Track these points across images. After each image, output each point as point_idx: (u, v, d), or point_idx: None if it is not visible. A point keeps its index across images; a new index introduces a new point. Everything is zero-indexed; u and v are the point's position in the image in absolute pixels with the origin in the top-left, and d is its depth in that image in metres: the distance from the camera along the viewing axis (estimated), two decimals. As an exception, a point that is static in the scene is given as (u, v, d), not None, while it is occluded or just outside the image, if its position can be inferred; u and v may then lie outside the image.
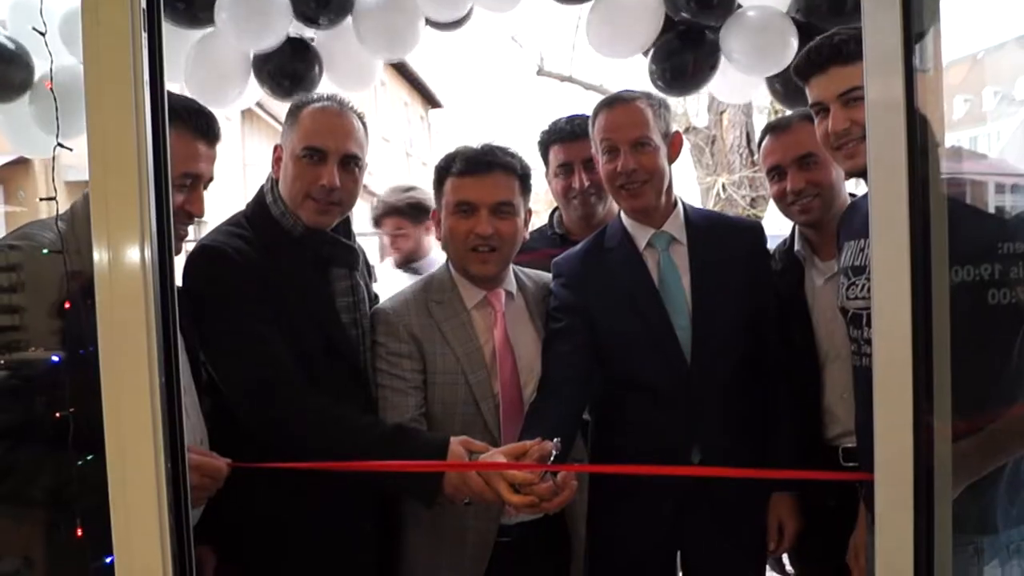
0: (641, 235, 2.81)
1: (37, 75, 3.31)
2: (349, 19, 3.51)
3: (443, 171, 2.70)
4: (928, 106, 1.59)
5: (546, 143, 3.45)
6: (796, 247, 2.95)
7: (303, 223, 2.57)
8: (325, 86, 3.71)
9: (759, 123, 10.91)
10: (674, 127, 2.87)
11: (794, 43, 3.31)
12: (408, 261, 4.57)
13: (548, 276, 2.91)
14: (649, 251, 2.80)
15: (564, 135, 3.38)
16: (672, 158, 2.82)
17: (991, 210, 2.05)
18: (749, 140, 10.51)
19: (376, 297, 2.86)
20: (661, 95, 2.93)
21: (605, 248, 2.86)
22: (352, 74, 3.80)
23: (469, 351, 2.62)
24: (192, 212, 2.35)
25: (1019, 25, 2.14)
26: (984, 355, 1.88)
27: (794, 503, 2.76)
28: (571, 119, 3.39)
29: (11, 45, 3.25)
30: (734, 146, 10.79)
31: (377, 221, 4.74)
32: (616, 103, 2.79)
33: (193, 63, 3.53)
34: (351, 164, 2.61)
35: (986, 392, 1.91)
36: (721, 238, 2.83)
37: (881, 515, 1.60)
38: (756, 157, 10.76)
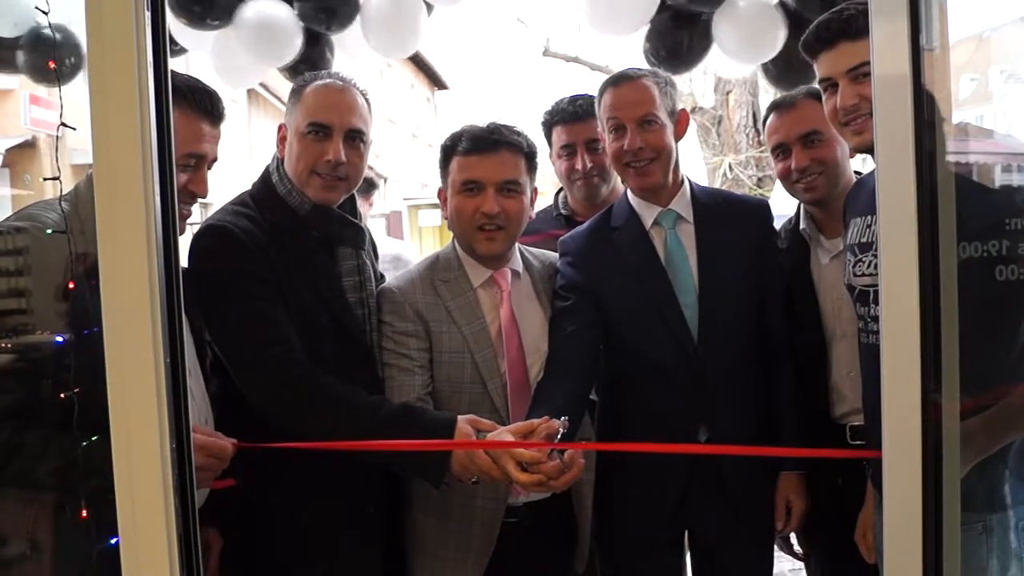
0: (648, 213, 2.80)
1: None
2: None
3: (449, 150, 2.69)
4: (935, 83, 1.58)
5: (549, 124, 3.45)
6: (801, 225, 2.94)
7: (310, 201, 2.56)
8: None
9: (765, 103, 10.85)
10: (680, 105, 2.85)
11: (783, 34, 3.31)
12: None
13: (554, 256, 2.90)
14: (656, 229, 2.79)
15: (566, 116, 3.38)
16: (679, 136, 2.81)
17: (998, 186, 2.03)
18: (755, 120, 10.49)
19: (382, 276, 2.86)
20: (667, 73, 2.92)
21: (611, 227, 2.85)
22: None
23: (475, 330, 2.61)
24: (195, 192, 2.34)
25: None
26: (992, 332, 1.87)
27: (802, 482, 2.76)
28: (574, 99, 3.38)
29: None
30: (740, 126, 10.78)
31: None
32: (622, 81, 2.77)
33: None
34: (356, 139, 2.60)
35: (994, 369, 1.90)
36: (728, 216, 2.82)
37: (889, 493, 1.60)
38: (762, 137, 10.77)
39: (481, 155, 2.62)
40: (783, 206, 3.45)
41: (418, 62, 27.96)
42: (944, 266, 1.54)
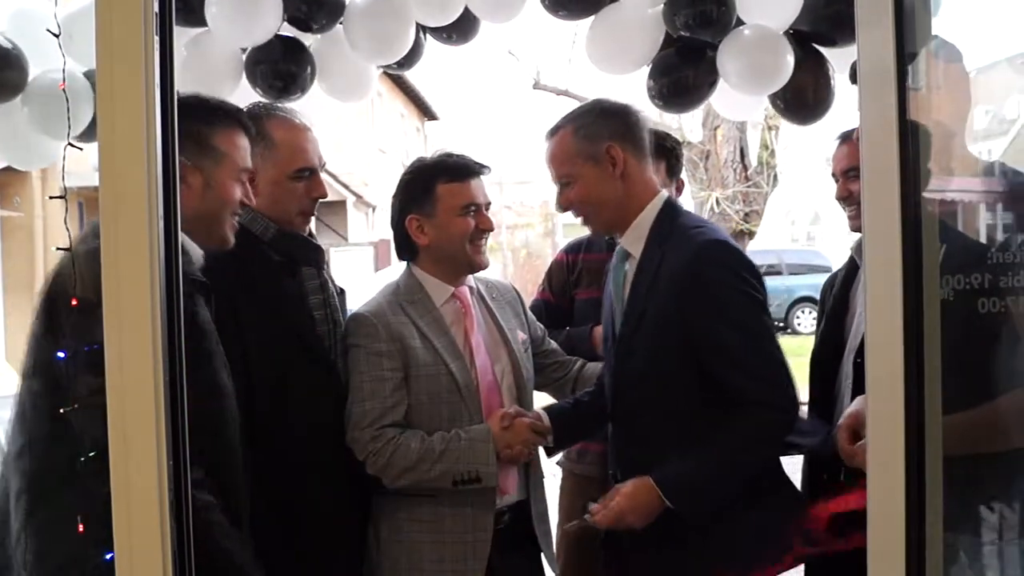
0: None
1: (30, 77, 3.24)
2: (340, 26, 3.51)
3: (431, 178, 2.73)
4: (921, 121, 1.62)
5: None
6: (852, 245, 3.04)
7: (275, 226, 2.64)
8: (319, 95, 3.70)
9: (752, 138, 11.00)
10: (605, 143, 2.62)
11: (790, 61, 3.30)
12: None
13: (493, 279, 3.04)
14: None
15: None
16: (611, 175, 2.62)
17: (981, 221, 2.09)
18: (743, 155, 10.58)
19: (343, 292, 2.90)
20: (596, 103, 2.78)
21: None
22: (348, 83, 3.79)
23: (445, 343, 2.72)
24: (248, 203, 2.42)
25: (1011, 45, 2.17)
26: (974, 364, 1.91)
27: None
28: None
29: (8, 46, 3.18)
30: (728, 161, 10.86)
31: None
32: (547, 138, 2.73)
33: (183, 64, 3.50)
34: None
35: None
36: (669, 256, 2.58)
37: (873, 520, 1.62)
38: (749, 172, 10.88)
39: (474, 180, 2.75)
40: (768, 242, 3.50)
41: (409, 92, 28.00)
42: (928, 300, 1.58)
